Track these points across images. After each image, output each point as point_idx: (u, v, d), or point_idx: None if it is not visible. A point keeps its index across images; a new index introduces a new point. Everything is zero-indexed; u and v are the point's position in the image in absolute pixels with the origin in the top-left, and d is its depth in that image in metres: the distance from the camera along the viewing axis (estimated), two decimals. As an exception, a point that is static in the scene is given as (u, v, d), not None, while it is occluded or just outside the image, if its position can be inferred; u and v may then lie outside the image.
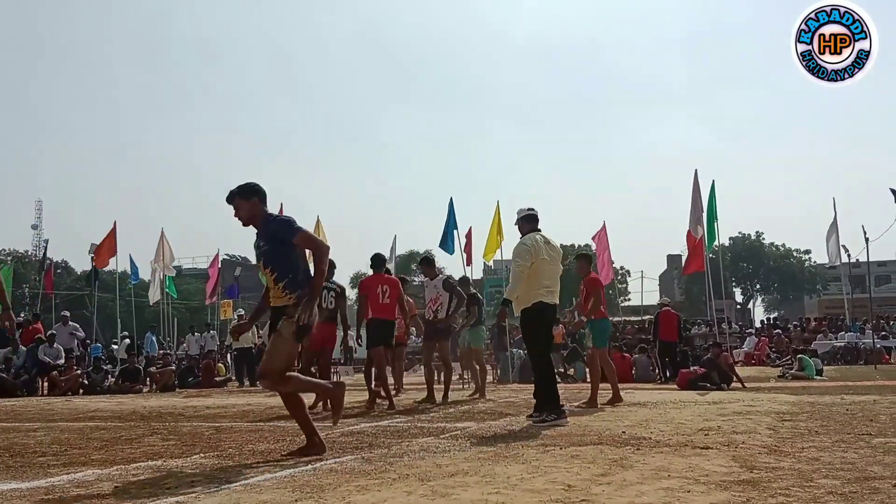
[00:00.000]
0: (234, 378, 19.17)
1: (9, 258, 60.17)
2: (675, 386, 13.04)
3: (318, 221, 22.84)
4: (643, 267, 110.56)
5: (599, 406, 9.10)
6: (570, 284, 13.01)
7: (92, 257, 28.20)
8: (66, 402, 13.35)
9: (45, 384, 16.82)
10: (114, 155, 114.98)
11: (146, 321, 35.33)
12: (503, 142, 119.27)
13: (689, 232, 19.74)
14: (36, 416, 9.91)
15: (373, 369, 10.16)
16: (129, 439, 6.72)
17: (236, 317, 20.30)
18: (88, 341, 22.79)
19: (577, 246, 63.87)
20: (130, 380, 17.33)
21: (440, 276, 11.01)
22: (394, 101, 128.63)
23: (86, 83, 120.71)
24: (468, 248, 20.52)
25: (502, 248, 19.56)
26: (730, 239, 63.72)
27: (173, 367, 18.76)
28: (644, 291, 62.49)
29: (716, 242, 26.50)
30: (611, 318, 11.91)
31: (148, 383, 18.09)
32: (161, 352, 21.28)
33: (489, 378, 12.95)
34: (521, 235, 7.88)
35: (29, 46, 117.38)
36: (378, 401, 9.72)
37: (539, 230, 7.87)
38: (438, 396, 10.39)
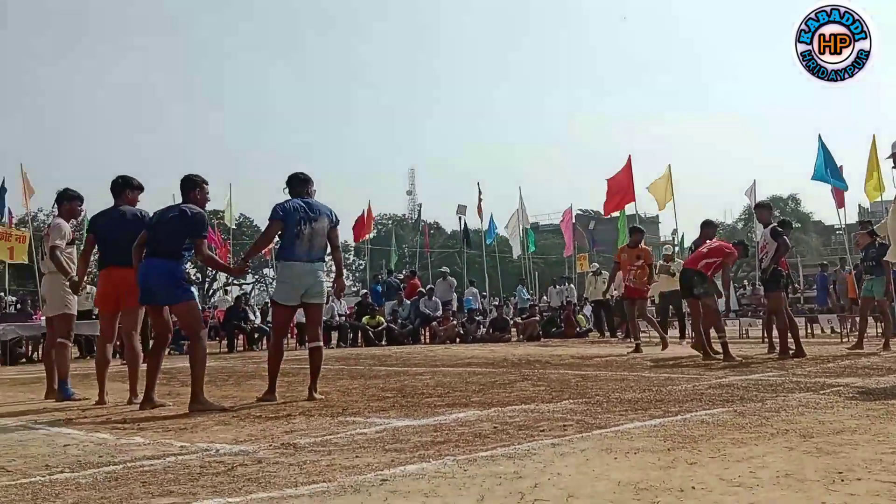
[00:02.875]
0: (594, 329, 19.55)
1: (389, 221, 67.13)
2: None
3: (668, 169, 22.16)
4: None
5: None
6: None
7: (460, 217, 30.38)
8: (446, 350, 14.65)
9: (427, 333, 18.64)
10: (472, 121, 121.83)
11: (510, 275, 37.35)
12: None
13: None
14: (421, 362, 10.99)
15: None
16: (503, 384, 7.17)
17: (591, 270, 20.61)
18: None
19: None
20: (500, 329, 18.51)
21: (772, 223, 10.13)
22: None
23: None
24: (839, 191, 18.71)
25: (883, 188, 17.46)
26: None
27: (537, 318, 19.63)
28: None
29: None
30: None
31: (515, 333, 19.19)
32: (529, 303, 22.34)
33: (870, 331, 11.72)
34: None
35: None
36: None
37: None
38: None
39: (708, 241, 10.33)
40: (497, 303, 23.60)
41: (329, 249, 6.54)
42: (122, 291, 6.55)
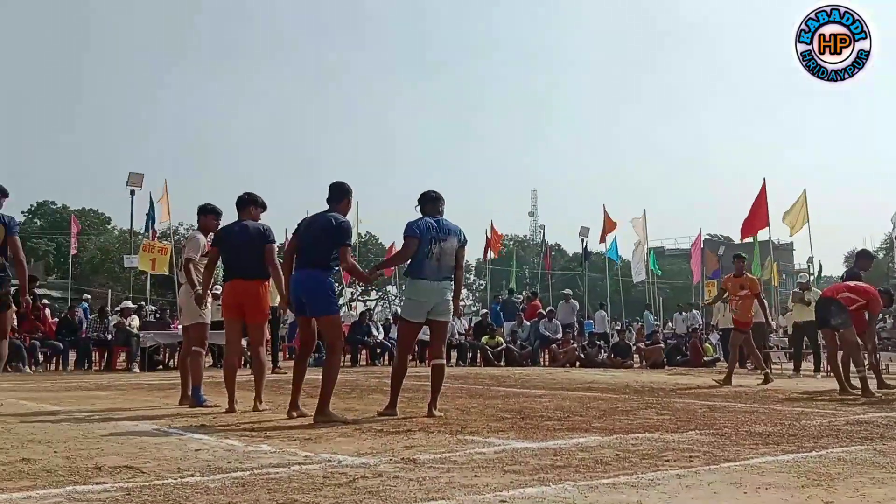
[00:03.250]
0: (721, 359, 18.85)
1: (511, 242, 67.25)
2: None
3: (803, 194, 21.25)
4: None
5: None
6: None
7: (582, 239, 30.08)
8: (565, 373, 14.45)
9: (546, 355, 18.45)
10: (596, 142, 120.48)
11: (633, 300, 36.58)
12: None
13: None
14: (540, 384, 10.87)
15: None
16: (625, 411, 7.01)
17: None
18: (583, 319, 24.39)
19: None
20: (622, 355, 18.11)
21: None
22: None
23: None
24: None
25: None
26: None
27: (661, 345, 19.11)
28: None
29: None
30: None
31: (636, 359, 18.72)
32: (653, 329, 21.83)
33: None
34: None
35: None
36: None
37: None
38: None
39: (862, 273, 9.96)
40: (619, 327, 23.15)
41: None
42: (245, 303, 6.83)
